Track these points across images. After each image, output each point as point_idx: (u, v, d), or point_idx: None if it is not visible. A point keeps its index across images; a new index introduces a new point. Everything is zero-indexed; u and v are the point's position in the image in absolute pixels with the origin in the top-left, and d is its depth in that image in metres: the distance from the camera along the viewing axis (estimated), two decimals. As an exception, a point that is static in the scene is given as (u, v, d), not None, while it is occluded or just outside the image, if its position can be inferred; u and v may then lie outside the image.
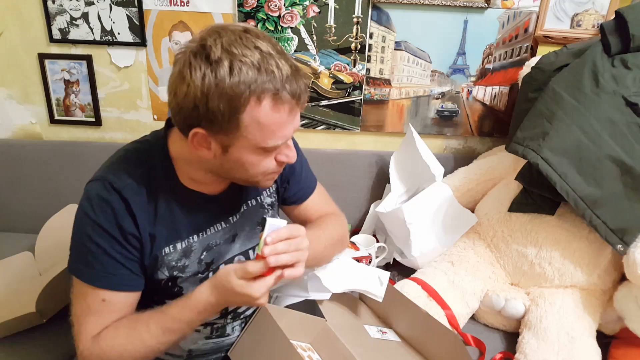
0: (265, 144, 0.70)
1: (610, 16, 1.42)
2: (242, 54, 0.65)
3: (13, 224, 1.62)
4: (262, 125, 0.68)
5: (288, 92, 0.67)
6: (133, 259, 0.77)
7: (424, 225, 1.34)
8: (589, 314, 1.16)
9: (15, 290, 1.24)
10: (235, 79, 0.64)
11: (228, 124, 0.67)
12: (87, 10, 1.48)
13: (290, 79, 0.67)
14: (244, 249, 0.91)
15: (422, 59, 1.53)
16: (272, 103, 0.67)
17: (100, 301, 0.76)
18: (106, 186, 0.75)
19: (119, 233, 0.75)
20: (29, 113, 1.65)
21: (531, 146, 1.15)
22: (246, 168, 0.74)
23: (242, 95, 0.65)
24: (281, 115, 0.68)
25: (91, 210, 0.74)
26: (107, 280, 0.76)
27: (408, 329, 1.05)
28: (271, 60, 0.66)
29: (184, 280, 0.83)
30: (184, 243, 0.82)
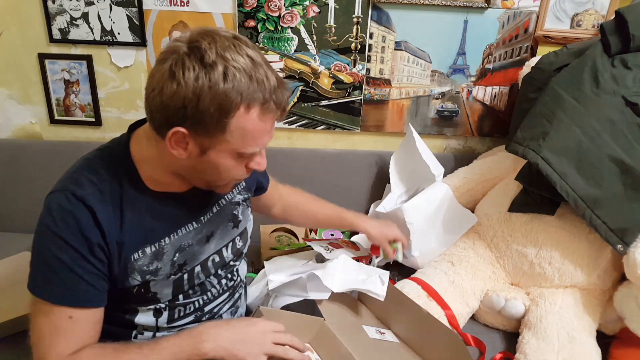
0: (245, 149, 0.72)
1: (610, 16, 1.42)
2: (235, 60, 0.66)
3: (13, 224, 1.62)
4: (247, 132, 0.70)
5: (275, 102, 0.70)
6: (96, 274, 0.74)
7: (424, 225, 1.34)
8: (589, 314, 1.16)
9: (15, 290, 1.24)
10: (229, 84, 0.66)
11: (214, 127, 0.68)
12: (87, 10, 1.48)
13: (277, 90, 0.70)
14: (218, 247, 0.90)
15: (422, 59, 1.53)
16: (260, 112, 0.69)
17: (67, 318, 0.72)
18: (68, 197, 0.72)
19: (83, 245, 0.71)
20: (29, 113, 1.65)
21: (531, 146, 1.15)
22: (219, 171, 0.75)
23: (234, 101, 0.66)
24: (265, 125, 0.71)
25: (52, 223, 0.71)
26: (69, 297, 0.72)
27: (407, 330, 1.05)
28: (261, 70, 0.68)
29: (157, 283, 0.81)
30: (154, 247, 0.80)
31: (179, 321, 0.88)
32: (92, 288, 0.74)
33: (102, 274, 0.75)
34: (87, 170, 0.76)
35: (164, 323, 0.87)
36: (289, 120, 1.61)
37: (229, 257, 0.93)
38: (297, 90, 1.57)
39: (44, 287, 0.72)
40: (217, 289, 0.93)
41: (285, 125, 1.61)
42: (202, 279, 0.88)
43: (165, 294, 0.83)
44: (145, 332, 0.87)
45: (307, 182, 1.21)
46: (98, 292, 0.75)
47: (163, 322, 0.86)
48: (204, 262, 0.88)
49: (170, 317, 0.87)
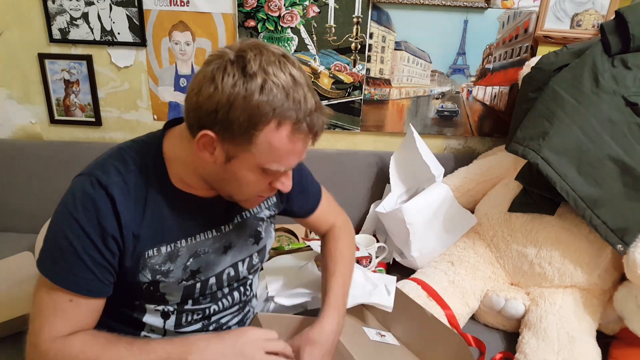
0: (269, 166, 0.71)
1: (610, 16, 1.42)
2: (276, 75, 0.66)
3: (13, 224, 1.62)
4: (273, 148, 0.69)
5: (308, 124, 0.69)
6: (104, 265, 0.74)
7: (424, 226, 1.34)
8: (589, 314, 1.16)
9: (15, 290, 1.24)
10: (264, 97, 0.65)
11: (241, 136, 0.68)
12: (87, 10, 1.48)
13: (312, 113, 0.69)
14: (235, 261, 0.89)
15: (422, 59, 1.53)
16: (290, 131, 0.68)
17: (68, 301, 0.72)
18: (92, 182, 0.72)
19: (97, 234, 0.71)
20: (29, 113, 1.65)
21: (531, 146, 1.15)
22: (240, 184, 0.74)
23: (265, 114, 0.66)
24: (294, 145, 0.70)
25: (72, 205, 0.71)
26: (72, 282, 0.72)
27: (409, 333, 1.04)
28: (300, 90, 0.68)
29: (167, 285, 0.80)
30: (169, 247, 0.79)
31: (186, 327, 0.88)
32: (95, 278, 0.73)
33: (109, 265, 0.75)
34: (116, 159, 0.76)
35: (171, 326, 0.86)
36: (289, 120, 1.61)
37: (243, 272, 0.92)
38: (297, 90, 1.57)
39: (51, 267, 0.72)
40: (228, 301, 0.92)
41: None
42: (215, 289, 0.88)
43: (174, 296, 0.83)
44: (153, 335, 0.87)
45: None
46: (101, 284, 0.75)
47: (170, 325, 0.86)
48: (219, 274, 0.87)
49: (178, 321, 0.86)
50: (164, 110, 1.62)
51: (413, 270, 1.34)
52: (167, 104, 1.61)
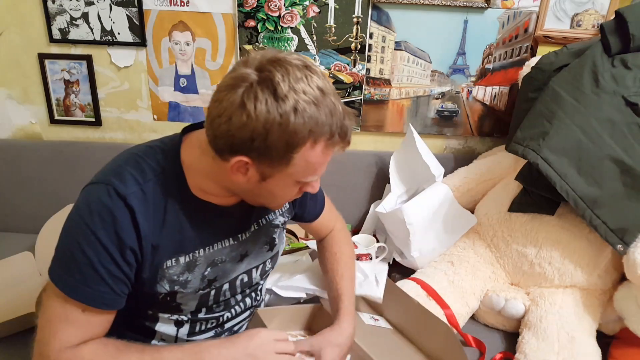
0: (305, 179, 0.73)
1: (610, 16, 1.42)
2: (305, 93, 0.65)
3: (13, 224, 1.62)
4: (310, 164, 0.70)
5: (340, 135, 0.69)
6: (120, 277, 0.71)
7: (424, 226, 1.34)
8: (589, 314, 1.16)
9: (15, 290, 1.24)
10: (299, 120, 0.65)
11: (279, 160, 0.68)
12: (87, 10, 1.48)
13: (343, 122, 0.69)
14: (249, 267, 0.89)
15: (422, 59, 1.53)
16: (325, 146, 0.69)
17: (80, 312, 0.70)
18: (110, 192, 0.69)
19: (115, 246, 0.69)
20: (29, 113, 1.65)
21: (531, 146, 1.15)
22: (275, 197, 0.77)
23: (303, 137, 0.66)
24: (328, 156, 0.72)
25: (88, 216, 0.68)
26: (83, 294, 0.69)
27: (400, 318, 1.06)
28: (329, 102, 0.67)
29: (184, 296, 0.80)
30: (188, 257, 0.78)
31: (199, 335, 0.88)
32: (110, 291, 0.71)
33: (125, 277, 0.72)
34: (133, 167, 0.72)
35: (184, 335, 0.86)
36: (289, 120, 1.61)
37: (256, 279, 0.92)
38: (297, 90, 1.57)
39: (65, 279, 0.70)
40: (240, 308, 0.92)
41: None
42: (228, 296, 0.88)
43: (189, 305, 0.82)
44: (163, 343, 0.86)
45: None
46: (116, 296, 0.73)
47: (183, 333, 0.86)
48: (233, 280, 0.87)
49: (192, 329, 0.86)
50: (163, 110, 1.62)
51: (413, 270, 1.34)
52: (167, 104, 1.61)
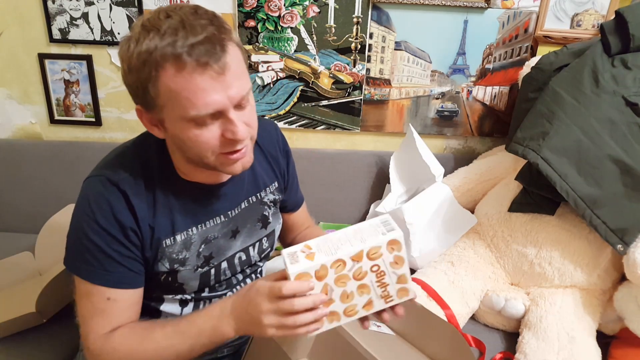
0: (187, 113, 0.66)
1: (610, 16, 1.42)
2: (150, 21, 0.65)
3: (13, 224, 1.62)
4: (175, 93, 0.65)
5: (192, 56, 0.63)
6: (131, 257, 0.77)
7: (424, 226, 1.34)
8: (589, 314, 1.16)
9: (15, 290, 1.24)
10: (139, 47, 0.64)
11: (144, 97, 0.68)
12: (87, 10, 1.48)
13: (197, 43, 0.63)
14: (245, 245, 0.91)
15: (422, 59, 1.53)
16: (176, 68, 0.64)
17: (105, 299, 0.76)
18: (103, 181, 0.75)
19: (117, 229, 0.74)
20: (29, 113, 1.65)
21: (531, 146, 1.15)
22: (189, 145, 0.71)
23: (145, 63, 0.64)
24: (192, 81, 0.64)
25: (88, 207, 0.74)
26: (106, 278, 0.75)
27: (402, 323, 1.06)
28: (172, 22, 0.64)
29: (184, 275, 0.82)
30: (183, 235, 0.81)
31: None
32: (127, 270, 0.76)
33: (136, 256, 0.77)
34: (123, 157, 0.78)
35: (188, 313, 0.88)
36: (289, 120, 1.61)
37: (255, 257, 0.93)
38: (297, 90, 1.57)
39: (85, 268, 0.75)
40: (242, 287, 0.93)
41: (285, 125, 1.61)
42: (229, 275, 0.90)
43: (191, 285, 0.85)
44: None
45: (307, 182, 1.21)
46: (134, 274, 0.78)
47: (188, 312, 0.88)
48: (230, 258, 0.89)
49: (195, 308, 0.88)
50: (164, 110, 1.61)
51: (413, 270, 1.34)
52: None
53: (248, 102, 0.71)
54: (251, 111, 0.73)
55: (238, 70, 0.68)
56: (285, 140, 0.99)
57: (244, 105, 0.70)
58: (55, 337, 1.16)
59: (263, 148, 0.93)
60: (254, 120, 0.74)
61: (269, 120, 1.00)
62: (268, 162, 0.94)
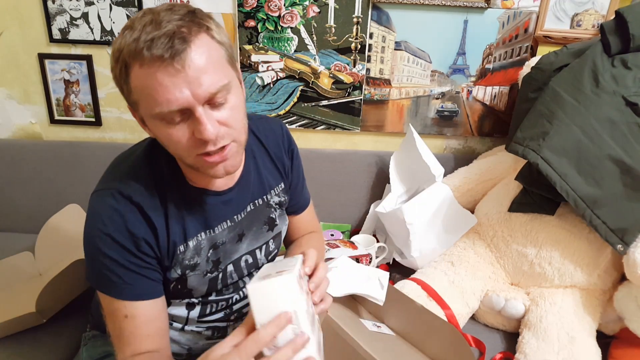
0: (153, 110, 0.64)
1: (610, 16, 1.42)
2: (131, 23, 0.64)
3: (13, 224, 1.62)
4: (141, 89, 0.64)
5: (150, 50, 0.61)
6: (148, 267, 0.76)
7: (424, 226, 1.34)
8: (589, 314, 1.16)
9: (15, 290, 1.24)
10: (114, 46, 0.65)
11: (127, 95, 0.67)
12: (87, 10, 1.48)
13: (157, 37, 0.61)
14: (251, 248, 0.91)
15: (422, 59, 1.53)
16: (139, 64, 0.63)
17: (123, 317, 0.75)
18: (114, 195, 0.73)
19: (130, 241, 0.73)
20: (29, 113, 1.65)
21: (531, 146, 1.15)
22: (166, 144, 0.70)
23: (117, 61, 0.65)
24: (153, 77, 0.62)
25: (100, 222, 0.72)
26: (127, 291, 0.74)
27: (402, 323, 1.06)
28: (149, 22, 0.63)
29: (193, 280, 0.82)
30: (194, 240, 0.81)
31: (209, 316, 0.90)
32: (147, 280, 0.76)
33: (153, 266, 0.77)
34: (131, 167, 0.77)
35: (194, 316, 0.88)
36: (289, 120, 1.61)
37: (262, 260, 0.93)
38: (297, 90, 1.57)
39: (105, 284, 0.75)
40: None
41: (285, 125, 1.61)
42: (236, 278, 0.89)
43: (199, 290, 0.85)
44: (175, 323, 0.89)
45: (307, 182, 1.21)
46: (155, 283, 0.77)
47: (194, 315, 0.88)
48: (237, 261, 0.88)
49: (202, 312, 0.89)
50: (164, 110, 1.61)
51: (413, 270, 1.34)
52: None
53: (227, 100, 0.67)
54: (231, 110, 0.68)
55: (208, 65, 0.64)
56: (291, 140, 0.98)
57: (218, 103, 0.66)
58: (55, 337, 1.16)
59: (268, 149, 0.92)
60: (234, 120, 0.69)
61: (275, 119, 0.99)
62: (273, 163, 0.93)
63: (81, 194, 1.47)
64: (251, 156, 0.89)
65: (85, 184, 0.78)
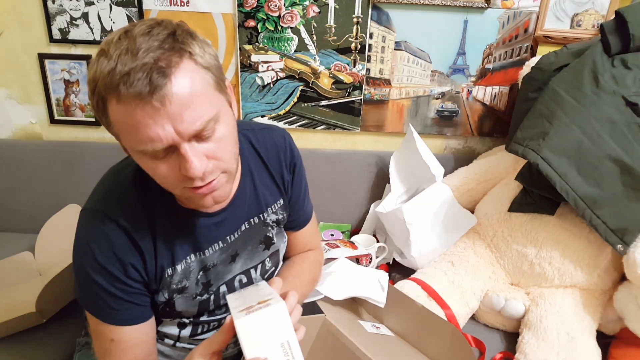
0: (137, 147, 0.61)
1: (610, 16, 1.42)
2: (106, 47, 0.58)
3: (13, 224, 1.62)
4: (120, 125, 0.60)
5: (127, 86, 0.56)
6: (136, 292, 0.75)
7: (424, 226, 1.34)
8: (589, 314, 1.16)
9: (15, 290, 1.24)
10: (90, 73, 0.59)
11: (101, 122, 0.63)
12: (87, 10, 1.48)
13: (133, 71, 0.56)
14: (245, 268, 0.87)
15: (422, 59, 1.53)
16: (116, 100, 0.58)
17: (110, 341, 0.74)
18: (102, 217, 0.71)
19: (116, 267, 0.71)
20: (29, 113, 1.65)
21: (531, 146, 1.15)
22: (155, 175, 0.66)
23: (93, 92, 0.60)
24: (132, 115, 0.57)
25: (87, 245, 0.71)
26: (113, 316, 0.73)
27: (401, 324, 1.06)
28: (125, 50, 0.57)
29: (182, 303, 0.80)
30: (182, 264, 0.78)
31: (201, 335, 0.88)
32: (134, 305, 0.75)
33: (140, 290, 0.75)
34: (120, 186, 0.74)
35: (186, 335, 0.86)
36: (289, 120, 1.61)
37: (257, 279, 0.89)
38: (297, 90, 1.57)
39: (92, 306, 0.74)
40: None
41: (285, 125, 1.61)
42: None
43: (190, 312, 0.83)
44: (166, 339, 0.87)
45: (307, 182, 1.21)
46: (142, 308, 0.76)
47: (186, 334, 0.86)
48: (230, 282, 0.85)
49: (194, 331, 0.87)
50: (164, 110, 1.61)
51: (413, 270, 1.34)
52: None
53: (214, 132, 0.63)
54: (220, 142, 0.64)
55: (192, 98, 0.59)
56: (294, 152, 0.90)
57: (206, 137, 0.62)
58: (55, 337, 1.16)
59: (267, 163, 0.87)
60: (223, 152, 0.65)
61: (279, 129, 0.91)
62: (272, 178, 0.88)
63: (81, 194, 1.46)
64: (248, 172, 0.84)
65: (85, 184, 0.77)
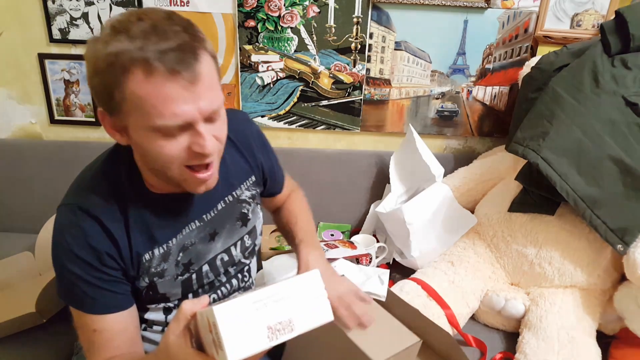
0: (154, 123, 0.63)
1: (610, 16, 1.42)
2: (120, 22, 0.61)
3: (13, 224, 1.62)
4: (142, 100, 0.62)
5: (162, 62, 0.60)
6: (113, 280, 0.76)
7: (424, 226, 1.34)
8: (589, 314, 1.16)
9: (15, 290, 1.24)
10: (106, 49, 0.61)
11: (109, 101, 0.64)
12: (87, 10, 1.48)
13: (169, 49, 0.60)
14: (226, 246, 0.89)
15: (422, 59, 1.53)
16: (144, 74, 0.60)
17: (92, 332, 0.75)
18: (73, 209, 0.73)
19: (92, 256, 0.73)
20: (29, 113, 1.65)
21: (531, 146, 1.15)
22: (153, 156, 0.68)
23: (112, 65, 0.61)
24: (161, 89, 0.61)
25: (62, 237, 0.73)
26: (93, 305, 0.75)
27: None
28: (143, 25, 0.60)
29: (164, 285, 0.82)
30: (162, 248, 0.80)
31: None
32: (112, 294, 0.76)
33: (118, 278, 0.77)
34: (92, 179, 0.77)
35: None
36: (289, 120, 1.61)
37: (238, 256, 0.92)
38: (297, 90, 1.57)
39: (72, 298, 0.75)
40: (227, 288, 0.93)
41: (285, 125, 1.61)
42: (212, 278, 0.88)
43: (174, 293, 0.84)
44: (155, 326, 0.88)
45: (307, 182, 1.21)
46: (121, 296, 0.77)
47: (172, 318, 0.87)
48: (212, 260, 0.87)
49: None
50: (164, 110, 1.61)
51: (413, 270, 1.34)
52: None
53: (219, 115, 0.68)
54: (223, 124, 0.70)
55: (211, 81, 0.65)
56: (259, 132, 0.95)
57: (215, 119, 0.67)
58: (55, 337, 1.16)
59: (236, 141, 0.89)
60: (223, 134, 0.71)
61: (239, 111, 0.97)
62: (242, 155, 0.91)
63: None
64: None
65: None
